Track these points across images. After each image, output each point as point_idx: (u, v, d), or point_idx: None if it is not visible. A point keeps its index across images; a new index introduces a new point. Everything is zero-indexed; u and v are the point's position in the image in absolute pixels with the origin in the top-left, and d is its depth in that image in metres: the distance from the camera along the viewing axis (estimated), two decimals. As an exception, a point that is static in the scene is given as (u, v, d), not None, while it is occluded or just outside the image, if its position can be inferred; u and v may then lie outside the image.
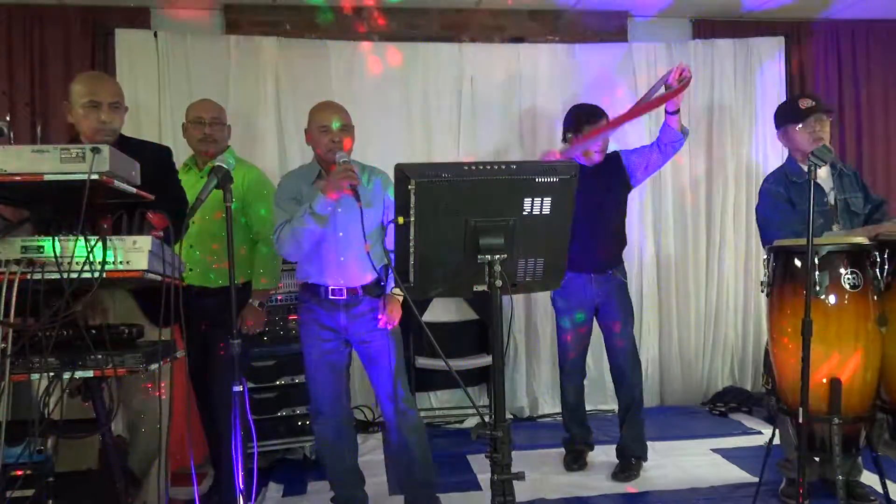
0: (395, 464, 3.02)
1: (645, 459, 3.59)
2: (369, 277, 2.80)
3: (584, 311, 3.54)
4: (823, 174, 3.13)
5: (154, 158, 2.63)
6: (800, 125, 3.12)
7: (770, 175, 3.32)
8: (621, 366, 3.57)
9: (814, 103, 3.14)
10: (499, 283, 1.82)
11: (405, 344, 3.39)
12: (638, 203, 4.89)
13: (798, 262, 2.66)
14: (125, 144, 2.61)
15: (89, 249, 1.89)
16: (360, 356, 2.91)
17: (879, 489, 2.68)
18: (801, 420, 2.44)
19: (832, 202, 3.10)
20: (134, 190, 2.09)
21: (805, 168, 3.12)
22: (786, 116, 3.20)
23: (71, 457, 2.49)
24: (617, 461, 3.58)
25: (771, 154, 4.98)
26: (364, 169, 2.86)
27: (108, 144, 2.49)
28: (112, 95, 2.52)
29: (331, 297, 2.79)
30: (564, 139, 3.54)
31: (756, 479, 3.02)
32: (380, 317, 2.79)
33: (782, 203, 3.11)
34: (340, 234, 2.75)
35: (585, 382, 4.98)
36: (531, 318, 4.83)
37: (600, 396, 4.85)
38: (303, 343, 2.89)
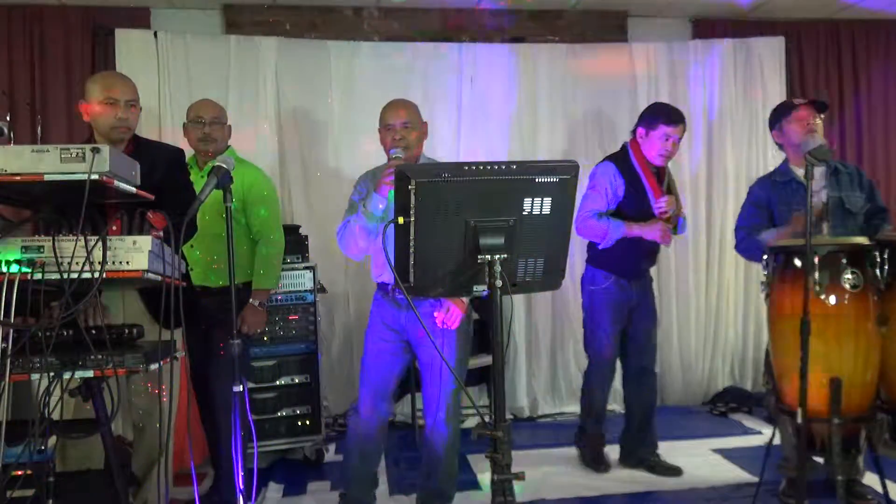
0: (420, 469, 2.98)
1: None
2: None
3: (626, 312, 3.54)
4: (817, 173, 3.12)
5: (167, 160, 2.65)
6: (793, 118, 3.15)
7: (756, 181, 3.38)
8: (647, 366, 3.62)
9: (806, 100, 3.21)
10: (499, 283, 1.82)
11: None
12: (638, 203, 4.90)
13: (798, 262, 2.66)
14: (139, 145, 2.63)
15: (89, 249, 1.89)
16: (418, 360, 2.86)
17: (879, 489, 2.68)
18: (800, 420, 2.44)
19: (823, 200, 3.10)
20: (134, 190, 2.09)
21: (795, 168, 3.15)
22: (779, 113, 3.25)
23: (77, 457, 2.49)
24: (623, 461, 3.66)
25: (770, 154, 4.97)
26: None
27: (124, 142, 2.53)
28: (129, 93, 2.55)
29: (396, 295, 2.77)
30: (635, 132, 3.49)
31: (756, 479, 3.02)
32: (435, 315, 2.71)
33: (752, 207, 3.22)
34: None
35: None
36: (531, 318, 4.84)
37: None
38: (365, 338, 2.88)
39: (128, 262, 1.94)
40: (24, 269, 1.87)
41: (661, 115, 3.36)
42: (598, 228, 3.35)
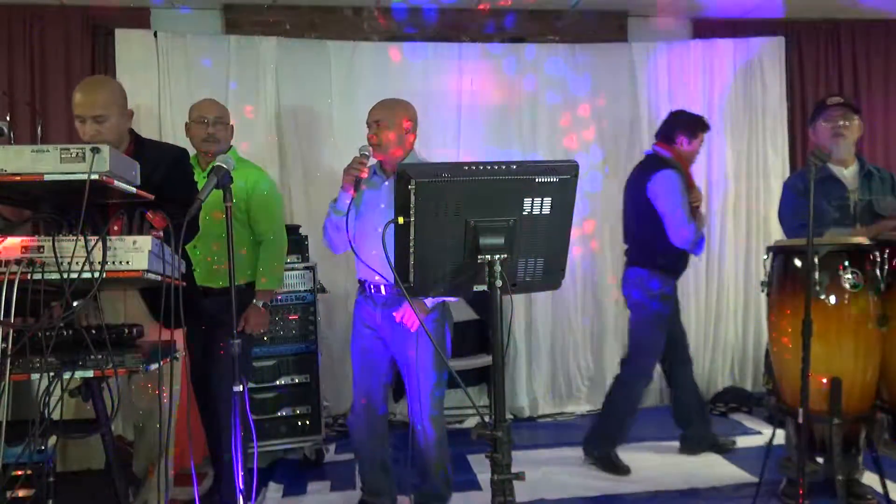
0: (414, 469, 3.02)
1: None
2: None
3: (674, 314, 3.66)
4: (848, 173, 3.15)
5: (170, 160, 2.63)
6: (823, 118, 3.16)
7: (793, 173, 3.38)
8: (689, 354, 3.78)
9: (841, 100, 3.21)
10: (499, 283, 1.82)
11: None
12: (638, 203, 4.90)
13: (798, 262, 2.66)
14: (141, 145, 2.61)
15: (89, 250, 1.89)
16: (396, 360, 2.90)
17: (879, 489, 2.68)
18: (800, 420, 2.44)
19: (855, 200, 3.10)
20: (134, 190, 2.09)
21: (831, 166, 3.13)
22: (815, 112, 3.27)
23: (78, 457, 2.49)
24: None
25: (770, 153, 4.98)
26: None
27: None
28: (95, 108, 2.43)
29: (372, 293, 2.83)
30: (673, 141, 3.59)
31: (756, 479, 3.02)
32: (395, 314, 2.75)
33: (798, 197, 3.14)
34: (378, 229, 2.72)
35: (586, 382, 4.99)
36: (531, 318, 4.84)
37: (600, 396, 4.85)
38: (351, 337, 2.96)
39: (128, 262, 1.94)
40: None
41: (699, 124, 3.62)
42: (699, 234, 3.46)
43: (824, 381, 2.55)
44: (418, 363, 2.76)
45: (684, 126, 3.58)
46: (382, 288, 2.79)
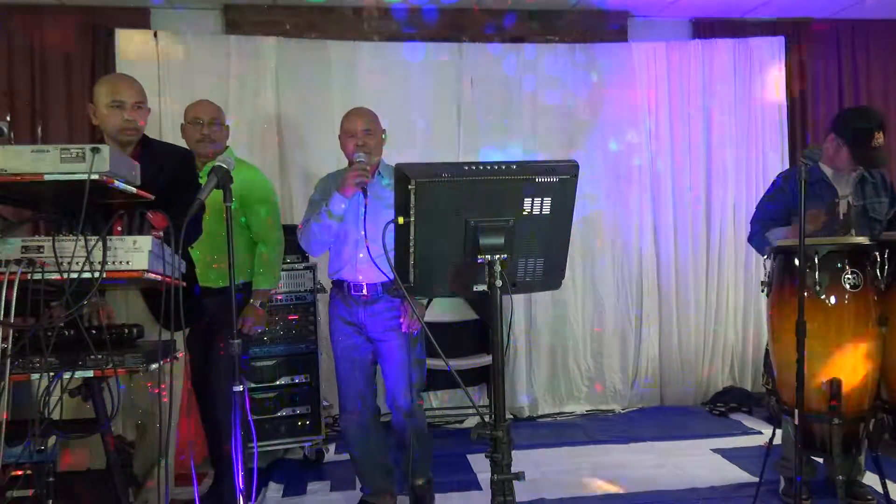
0: (402, 466, 3.09)
1: None
2: (389, 276, 2.84)
3: None
4: (842, 178, 3.10)
5: (177, 161, 2.65)
6: (853, 149, 2.95)
7: (785, 170, 3.35)
8: None
9: (882, 140, 2.94)
10: (499, 283, 1.82)
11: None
12: (638, 203, 4.90)
13: (798, 262, 2.66)
14: (148, 146, 2.62)
15: (89, 250, 1.89)
16: (377, 354, 2.99)
17: (879, 489, 2.68)
18: (796, 420, 2.44)
19: (845, 208, 3.07)
20: (134, 190, 2.09)
21: (825, 168, 3.10)
22: (847, 129, 2.96)
23: (80, 457, 2.49)
24: None
25: (770, 153, 4.98)
26: (390, 170, 2.93)
27: (133, 143, 2.52)
28: (135, 95, 2.55)
29: (353, 293, 2.90)
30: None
31: (756, 479, 3.02)
32: (401, 320, 2.86)
33: (779, 194, 3.14)
34: (363, 232, 2.82)
35: (586, 382, 4.97)
36: (531, 318, 4.84)
37: (600, 396, 4.86)
38: (330, 338, 3.03)
39: (128, 262, 1.95)
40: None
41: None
42: None
43: (824, 381, 2.55)
44: (399, 353, 2.88)
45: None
46: (365, 288, 2.88)
